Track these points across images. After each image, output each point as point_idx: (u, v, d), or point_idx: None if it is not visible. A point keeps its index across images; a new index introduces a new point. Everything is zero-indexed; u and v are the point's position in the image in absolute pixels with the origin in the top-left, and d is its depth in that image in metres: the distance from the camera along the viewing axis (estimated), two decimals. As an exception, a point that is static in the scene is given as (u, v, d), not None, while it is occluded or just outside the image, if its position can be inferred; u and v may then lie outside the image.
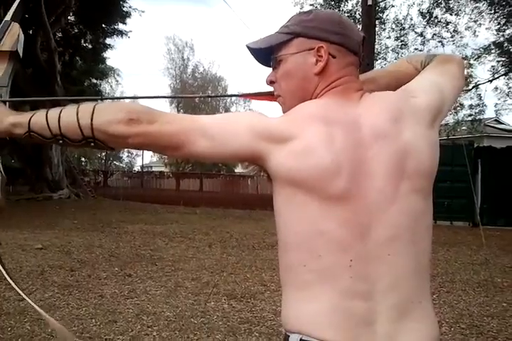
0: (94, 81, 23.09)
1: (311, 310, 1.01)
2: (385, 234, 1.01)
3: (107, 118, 1.05)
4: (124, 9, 20.11)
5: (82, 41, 21.11)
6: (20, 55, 1.17)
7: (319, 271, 1.01)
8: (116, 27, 20.87)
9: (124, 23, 20.84)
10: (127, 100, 1.86)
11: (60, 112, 1.08)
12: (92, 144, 1.08)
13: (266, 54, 1.19)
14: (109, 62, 25.55)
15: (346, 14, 17.77)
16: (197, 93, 45.22)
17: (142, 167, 49.58)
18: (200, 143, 1.04)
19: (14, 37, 1.14)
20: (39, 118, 1.09)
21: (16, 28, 1.14)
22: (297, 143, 1.01)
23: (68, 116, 1.07)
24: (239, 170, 43.12)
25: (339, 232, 1.00)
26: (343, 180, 1.00)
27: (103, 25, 20.45)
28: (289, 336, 1.03)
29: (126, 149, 50.50)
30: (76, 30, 20.89)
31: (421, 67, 1.31)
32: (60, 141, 1.10)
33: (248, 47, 1.20)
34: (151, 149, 1.14)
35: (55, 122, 1.07)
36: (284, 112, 1.16)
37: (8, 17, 1.15)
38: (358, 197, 1.01)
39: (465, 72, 1.29)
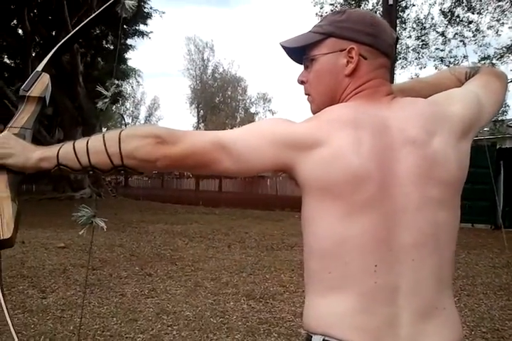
0: (116, 81, 23.31)
1: (334, 312, 1.02)
2: (409, 240, 1.01)
3: (134, 144, 1.05)
4: (145, 10, 20.30)
5: (104, 42, 21.35)
6: (47, 102, 1.26)
7: (344, 277, 1.02)
8: (137, 28, 21.09)
9: (145, 23, 21.06)
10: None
11: (87, 143, 1.09)
12: (122, 172, 1.10)
13: (299, 52, 1.19)
14: (130, 63, 25.76)
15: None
16: (216, 94, 45.41)
17: (162, 167, 49.87)
18: (226, 161, 1.05)
19: (44, 85, 1.24)
20: (67, 151, 1.09)
21: (45, 78, 1.25)
22: (324, 149, 1.01)
23: (96, 147, 1.08)
24: (258, 170, 43.10)
25: (366, 238, 1.01)
26: (371, 185, 1.00)
27: (124, 26, 20.65)
28: (311, 337, 1.04)
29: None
30: (98, 31, 21.13)
31: (465, 79, 1.29)
32: (90, 172, 1.11)
33: (282, 45, 1.21)
34: (180, 169, 1.16)
35: (84, 154, 1.08)
36: (313, 111, 1.17)
37: (39, 68, 1.25)
38: (385, 202, 1.01)
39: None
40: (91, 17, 1.53)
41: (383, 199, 1.01)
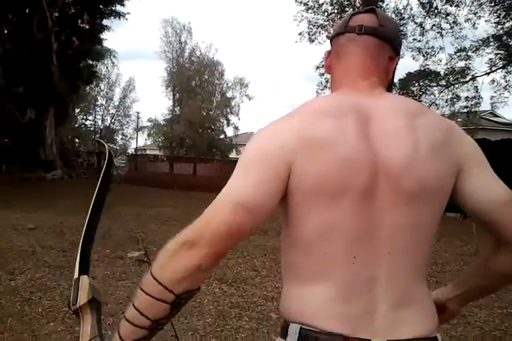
0: (90, 62, 22.82)
1: (312, 302, 1.03)
2: (386, 234, 1.02)
3: (168, 269, 0.99)
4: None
5: (79, 22, 20.86)
6: (100, 299, 1.17)
7: (323, 268, 1.03)
8: (113, 8, 20.66)
9: (122, 4, 20.63)
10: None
11: (136, 309, 1.01)
12: (184, 301, 1.01)
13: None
14: (105, 44, 25.26)
15: (346, 2, 17.66)
16: (193, 77, 44.95)
17: (136, 150, 49.46)
18: (250, 218, 1.00)
19: (86, 288, 1.16)
20: (125, 328, 1.02)
21: (85, 280, 1.18)
22: (310, 144, 1.00)
23: (143, 302, 1.01)
24: (233, 155, 43.11)
25: (346, 230, 1.01)
26: (358, 176, 1.00)
27: (100, 6, 20.23)
28: (288, 324, 1.05)
29: (120, 131, 50.40)
30: (73, 10, 20.64)
31: None
32: (160, 326, 1.03)
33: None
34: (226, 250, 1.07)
35: (139, 317, 1.00)
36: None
37: (76, 274, 1.19)
38: (366, 195, 1.00)
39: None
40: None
41: (368, 191, 1.00)
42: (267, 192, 1.00)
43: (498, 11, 16.99)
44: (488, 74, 18.50)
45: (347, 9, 17.76)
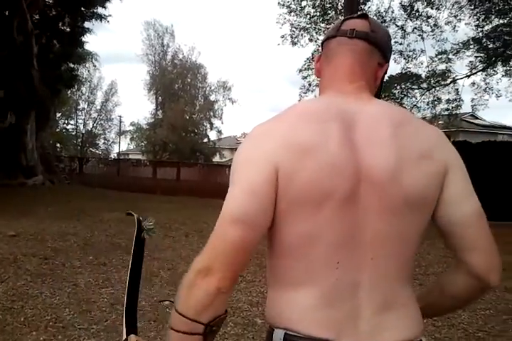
0: (72, 65, 22.58)
1: (297, 307, 1.03)
2: (369, 240, 1.02)
3: (191, 299, 0.99)
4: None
5: (60, 24, 20.64)
6: None
7: (308, 273, 1.03)
8: (95, 11, 20.47)
9: (103, 6, 20.47)
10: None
11: None
12: (215, 328, 1.02)
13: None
14: (86, 47, 25.01)
15: (328, 5, 17.77)
16: (176, 80, 44.82)
17: (119, 154, 49.10)
18: (251, 231, 1.00)
19: None
20: None
21: (133, 340, 1.20)
22: (295, 150, 1.00)
23: (178, 340, 1.01)
24: (217, 159, 43.03)
25: (330, 237, 1.01)
26: (342, 181, 1.00)
27: (82, 9, 20.04)
28: (273, 330, 1.05)
29: (102, 136, 49.98)
30: (54, 13, 20.42)
31: None
32: None
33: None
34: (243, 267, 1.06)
35: None
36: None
37: (124, 335, 1.21)
38: (350, 200, 1.00)
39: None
40: None
41: (351, 198, 1.00)
42: (260, 201, 1.00)
43: (478, 14, 17.24)
44: (469, 76, 18.74)
45: (329, 12, 17.87)
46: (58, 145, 42.07)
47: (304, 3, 17.94)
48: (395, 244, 1.04)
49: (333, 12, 17.71)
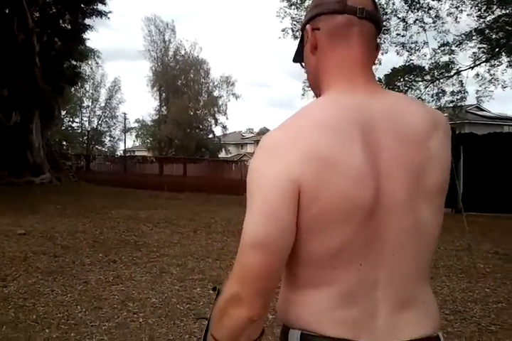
0: (74, 62, 22.58)
1: (314, 308, 1.01)
2: (392, 237, 1.00)
3: (229, 333, 0.98)
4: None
5: (61, 21, 20.63)
6: None
7: (329, 276, 1.01)
8: (95, 7, 20.46)
9: (103, 3, 20.44)
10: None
11: None
12: None
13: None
14: (88, 44, 25.01)
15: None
16: (179, 76, 44.79)
17: (125, 151, 49.25)
18: (273, 255, 0.96)
19: None
20: None
21: None
22: (317, 164, 0.94)
23: None
24: (222, 155, 43.05)
25: (357, 244, 0.98)
26: (367, 192, 0.96)
27: (82, 6, 20.02)
28: (288, 330, 1.03)
29: (107, 133, 50.05)
30: (54, 10, 20.40)
31: None
32: None
33: (294, 59, 1.22)
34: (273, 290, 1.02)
35: None
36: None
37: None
38: (378, 203, 0.98)
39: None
40: None
41: (376, 201, 0.98)
42: (282, 224, 0.95)
43: (479, 5, 17.08)
44: (472, 68, 18.60)
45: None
46: (64, 143, 42.23)
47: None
48: (417, 239, 1.03)
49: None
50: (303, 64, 1.17)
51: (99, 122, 48.73)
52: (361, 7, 1.03)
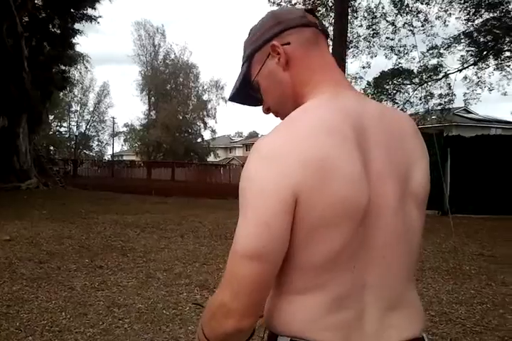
0: (63, 67, 22.49)
1: (304, 313, 0.99)
2: (383, 240, 1.00)
3: (216, 336, 0.99)
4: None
5: (50, 26, 20.55)
6: None
7: (324, 282, 0.99)
8: (85, 12, 20.41)
9: (93, 8, 20.40)
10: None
11: None
12: None
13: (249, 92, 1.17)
14: (77, 48, 24.94)
15: (318, 2, 17.77)
16: (168, 81, 44.74)
17: (113, 156, 49.03)
18: (266, 265, 0.94)
19: None
20: None
21: None
22: (316, 172, 0.92)
23: None
24: (211, 158, 43.00)
25: (353, 247, 0.97)
26: (362, 196, 0.95)
27: (71, 10, 19.96)
28: (276, 336, 1.01)
29: (96, 137, 49.79)
30: (43, 15, 20.32)
31: None
32: None
33: (233, 98, 1.21)
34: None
35: None
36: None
37: None
38: (370, 205, 0.97)
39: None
40: None
41: (370, 204, 0.97)
42: (277, 234, 0.93)
43: (468, 8, 17.30)
44: (461, 71, 18.82)
45: (319, 9, 17.84)
46: (52, 147, 41.94)
47: (294, 1, 17.92)
48: (406, 241, 1.04)
49: (324, 9, 17.69)
50: (250, 91, 1.16)
51: (88, 127, 48.57)
52: (317, 22, 1.12)
